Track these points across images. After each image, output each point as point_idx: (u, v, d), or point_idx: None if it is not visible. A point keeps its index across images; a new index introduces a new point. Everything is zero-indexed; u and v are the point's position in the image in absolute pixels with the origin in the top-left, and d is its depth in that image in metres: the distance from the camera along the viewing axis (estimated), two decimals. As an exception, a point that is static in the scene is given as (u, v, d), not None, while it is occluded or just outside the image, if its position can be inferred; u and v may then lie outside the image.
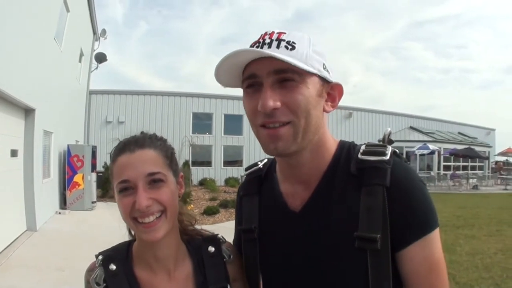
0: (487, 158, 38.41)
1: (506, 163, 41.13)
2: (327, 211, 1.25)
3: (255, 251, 1.40)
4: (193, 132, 25.94)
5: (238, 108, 28.43)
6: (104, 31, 20.70)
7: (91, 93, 21.30)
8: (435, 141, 31.54)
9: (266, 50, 1.14)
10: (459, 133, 40.61)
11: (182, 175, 1.46)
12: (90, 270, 1.36)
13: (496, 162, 41.20)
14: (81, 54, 18.10)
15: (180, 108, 26.79)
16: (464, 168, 34.39)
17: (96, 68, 20.53)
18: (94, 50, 20.33)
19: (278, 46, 1.16)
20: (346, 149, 1.33)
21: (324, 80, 1.22)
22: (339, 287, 1.22)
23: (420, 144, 28.86)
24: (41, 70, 10.96)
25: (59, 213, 13.31)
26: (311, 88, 1.18)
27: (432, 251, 1.19)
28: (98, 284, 1.31)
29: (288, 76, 1.15)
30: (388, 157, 1.23)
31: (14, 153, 9.40)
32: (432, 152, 28.89)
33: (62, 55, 13.58)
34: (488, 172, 38.98)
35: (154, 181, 1.27)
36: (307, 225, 1.27)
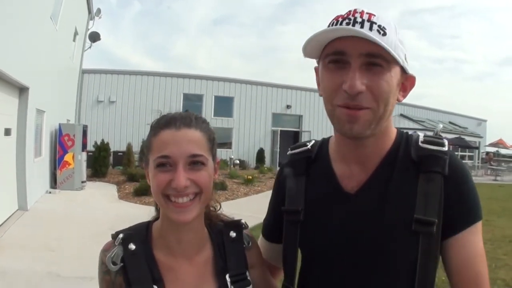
0: (477, 148, 38.96)
1: (496, 154, 41.59)
2: (384, 193, 1.26)
3: (297, 233, 1.38)
4: (184, 111, 25.59)
5: (229, 90, 28.60)
6: (99, 10, 20.39)
7: (83, 72, 21.10)
8: (425, 129, 31.01)
9: (361, 30, 1.12)
10: (450, 122, 40.77)
11: (219, 161, 1.44)
12: (106, 250, 1.32)
13: (487, 153, 41.32)
14: (76, 33, 17.86)
15: (171, 89, 26.75)
16: (454, 157, 34.62)
17: (90, 47, 20.29)
18: (89, 29, 20.07)
19: (371, 28, 1.13)
20: (405, 137, 1.36)
21: (403, 70, 1.23)
22: (386, 269, 1.24)
23: (410, 132, 28.94)
24: (36, 49, 10.84)
25: (50, 192, 13.28)
26: (394, 77, 1.18)
27: (480, 240, 1.25)
28: (114, 263, 1.28)
29: (377, 61, 1.14)
30: (446, 148, 1.27)
31: (7, 131, 9.34)
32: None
33: (57, 34, 13.43)
34: (478, 163, 39.48)
35: (195, 163, 1.25)
36: (363, 206, 1.28)
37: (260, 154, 27.75)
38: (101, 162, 17.63)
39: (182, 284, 1.32)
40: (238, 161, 25.30)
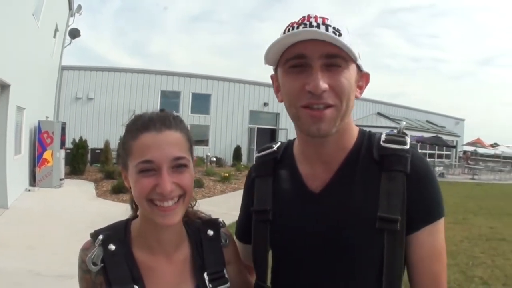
0: (455, 147, 39.12)
1: (474, 153, 41.66)
2: (347, 192, 1.29)
3: (266, 233, 1.41)
4: (160, 111, 25.43)
5: (206, 87, 28.55)
6: (79, 7, 20.25)
7: (62, 69, 20.95)
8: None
9: (323, 31, 1.16)
10: (427, 121, 41.01)
11: (195, 159, 1.43)
12: (86, 249, 1.31)
13: (464, 152, 41.61)
14: (56, 30, 17.76)
15: (148, 86, 26.66)
16: (431, 156, 34.97)
17: (69, 44, 20.20)
18: (69, 26, 19.94)
19: (326, 30, 1.16)
20: (367, 136, 1.39)
21: (358, 68, 1.28)
22: (354, 267, 1.27)
23: (387, 130, 28.99)
24: (18, 47, 10.84)
25: (29, 190, 13.21)
26: (352, 74, 1.23)
27: (439, 239, 1.27)
28: (95, 264, 1.27)
29: (337, 61, 1.19)
30: (408, 146, 1.30)
31: (-12, 129, 9.27)
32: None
33: (38, 31, 13.40)
34: (456, 161, 39.72)
35: (178, 165, 1.24)
36: (327, 206, 1.30)
37: (237, 152, 27.78)
38: (79, 160, 17.53)
39: (161, 283, 1.33)
40: (214, 159, 25.28)
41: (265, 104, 30.61)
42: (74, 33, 20.14)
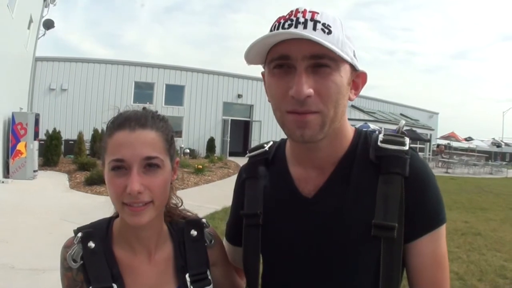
0: (429, 140, 39.11)
1: (448, 146, 41.43)
2: (342, 197, 1.22)
3: (257, 237, 1.34)
4: (134, 102, 25.70)
5: (180, 78, 28.58)
6: (54, -3, 20.04)
7: (36, 60, 20.72)
8: (376, 120, 31.83)
9: (302, 32, 1.07)
10: (401, 114, 41.05)
11: (178, 161, 1.41)
12: (67, 247, 1.29)
13: (438, 145, 41.46)
14: (30, 21, 17.62)
15: (122, 77, 26.62)
16: (405, 149, 35.02)
17: (44, 34, 19.97)
18: (43, 17, 19.72)
19: (314, 28, 1.08)
20: (364, 137, 1.31)
21: (353, 68, 1.18)
22: (348, 275, 1.21)
23: (361, 123, 28.92)
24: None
25: (2, 182, 13.20)
26: (343, 76, 1.13)
27: (440, 246, 1.21)
28: (75, 261, 1.26)
29: (324, 62, 1.09)
30: (407, 147, 1.23)
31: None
32: (373, 131, 29.08)
33: (13, 21, 13.35)
34: (429, 155, 40.37)
35: (150, 165, 1.21)
36: (320, 211, 1.24)
37: (211, 143, 27.83)
38: (52, 151, 17.42)
39: (141, 282, 1.31)
40: (188, 150, 25.33)
41: (239, 96, 30.80)
42: (48, 24, 19.92)
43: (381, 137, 1.27)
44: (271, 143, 1.49)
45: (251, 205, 1.38)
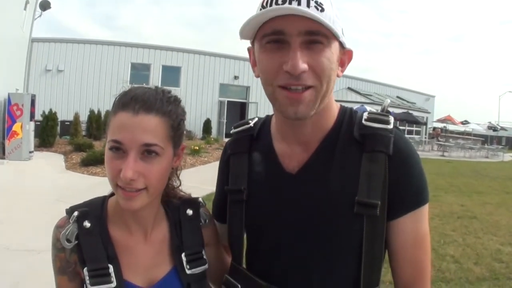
0: (425, 123, 39.05)
1: (444, 130, 41.39)
2: (325, 174, 1.22)
3: (241, 213, 1.34)
4: (130, 83, 25.01)
5: (177, 60, 28.47)
6: (50, -22, 19.84)
7: (32, 41, 20.55)
8: (372, 103, 31.41)
9: (299, 8, 1.06)
10: (398, 97, 40.93)
11: (184, 147, 1.39)
12: (60, 227, 1.26)
13: (434, 128, 41.48)
14: (27, 2, 17.44)
15: (118, 58, 26.50)
16: (401, 132, 35.14)
17: (40, 15, 19.84)
18: (40, -2, 19.63)
19: (308, 5, 1.07)
20: (349, 114, 1.31)
21: (341, 45, 1.19)
22: (331, 252, 1.21)
23: (357, 105, 28.98)
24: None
25: (-1, 163, 13.19)
26: (334, 53, 1.14)
27: (422, 226, 1.22)
28: (69, 241, 1.23)
29: (318, 39, 1.10)
30: (391, 126, 1.23)
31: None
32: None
33: (9, 3, 13.29)
34: (425, 138, 39.88)
35: (149, 152, 1.18)
36: (303, 187, 1.24)
37: (207, 125, 27.84)
38: (48, 132, 17.40)
39: (137, 263, 1.29)
40: (184, 132, 25.06)
41: (236, 77, 30.75)
42: (45, 5, 19.78)
43: (365, 115, 1.27)
44: (256, 119, 1.48)
45: (235, 181, 1.38)
